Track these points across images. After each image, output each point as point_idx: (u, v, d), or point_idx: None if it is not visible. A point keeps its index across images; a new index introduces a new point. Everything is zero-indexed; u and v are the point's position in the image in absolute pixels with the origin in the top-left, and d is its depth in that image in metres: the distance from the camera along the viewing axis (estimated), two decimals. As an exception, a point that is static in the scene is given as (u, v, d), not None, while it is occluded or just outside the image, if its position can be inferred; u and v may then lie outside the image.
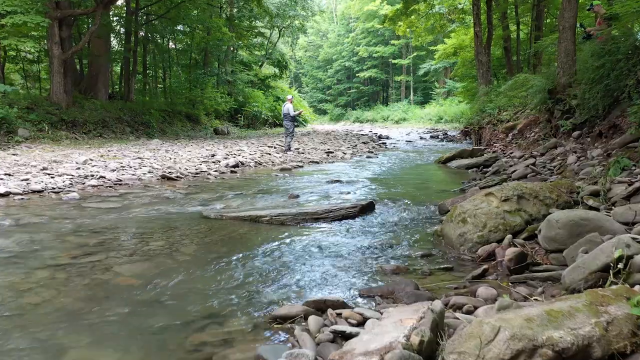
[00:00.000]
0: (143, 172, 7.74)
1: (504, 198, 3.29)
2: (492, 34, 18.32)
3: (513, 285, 2.41)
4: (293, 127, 12.55)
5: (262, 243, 3.43)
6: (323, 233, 3.78)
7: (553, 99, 7.57)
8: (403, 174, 8.52)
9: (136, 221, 4.25)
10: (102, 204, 5.09)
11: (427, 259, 3.01)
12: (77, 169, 7.63)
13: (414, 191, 6.29)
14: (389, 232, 3.78)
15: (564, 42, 7.52)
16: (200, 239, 3.61)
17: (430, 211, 4.63)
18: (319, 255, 3.09)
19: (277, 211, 4.32)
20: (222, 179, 7.51)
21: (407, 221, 4.22)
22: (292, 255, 3.09)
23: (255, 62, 32.45)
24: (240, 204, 5.14)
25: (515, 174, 5.73)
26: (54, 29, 14.51)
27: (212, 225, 4.12)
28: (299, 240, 3.49)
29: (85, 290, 2.50)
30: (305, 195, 5.74)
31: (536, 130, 10.20)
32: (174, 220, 4.29)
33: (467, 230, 3.17)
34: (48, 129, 12.93)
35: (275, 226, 4.06)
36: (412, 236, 3.62)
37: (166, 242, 3.49)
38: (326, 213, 4.31)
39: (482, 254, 2.90)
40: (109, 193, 5.92)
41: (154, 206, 5.02)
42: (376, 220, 4.30)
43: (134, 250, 3.27)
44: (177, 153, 10.89)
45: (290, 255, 3.08)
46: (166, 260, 3.05)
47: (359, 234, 3.71)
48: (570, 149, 6.07)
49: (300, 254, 3.10)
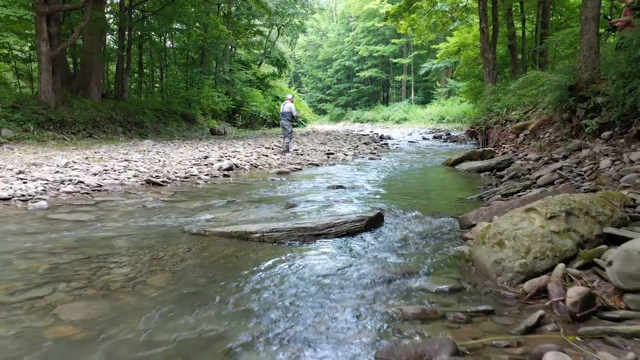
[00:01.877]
0: (127, 176, 7.09)
1: (549, 215, 2.65)
2: (498, 30, 17.72)
3: (584, 341, 1.78)
4: (291, 127, 11.88)
5: (250, 272, 2.79)
6: (324, 256, 3.13)
7: (575, 97, 6.93)
8: (410, 178, 7.88)
9: (104, 238, 3.61)
10: (71, 215, 4.45)
11: (457, 295, 2.37)
12: (55, 172, 6.98)
13: (425, 199, 5.65)
14: (403, 254, 3.14)
15: (586, 34, 6.88)
16: (176, 264, 2.96)
17: (449, 224, 3.99)
18: (319, 293, 2.44)
19: (270, 226, 3.68)
20: (213, 184, 6.86)
21: (423, 238, 3.57)
22: (285, 293, 2.44)
23: (254, 61, 31.82)
24: (229, 215, 4.49)
25: (540, 180, 5.08)
26: (41, 24, 13.86)
27: (193, 243, 3.47)
28: (294, 269, 2.84)
29: (3, 351, 1.86)
30: (304, 204, 5.09)
31: (550, 130, 9.57)
32: (148, 237, 3.64)
33: (505, 257, 2.53)
34: (34, 129, 12.29)
35: (267, 245, 3.42)
36: (433, 259, 2.98)
37: (133, 269, 2.84)
38: (327, 228, 3.67)
39: (530, 290, 2.26)
40: (83, 201, 5.27)
41: (131, 218, 4.38)
42: (386, 236, 3.66)
43: (90, 281, 2.62)
44: (168, 155, 10.25)
45: (283, 294, 2.44)
46: (126, 297, 2.40)
47: (368, 258, 3.07)
48: (600, 152, 5.43)
49: (295, 292, 2.45)
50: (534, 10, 19.91)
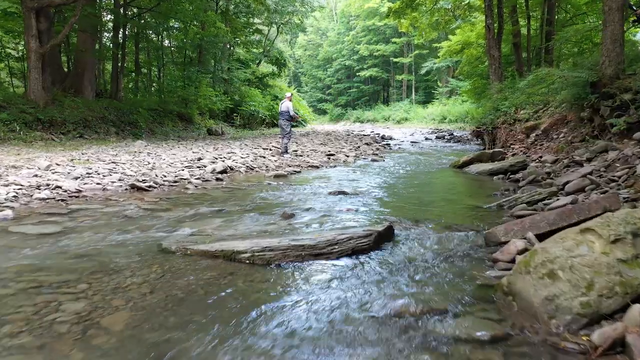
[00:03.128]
0: (112, 180, 6.53)
1: (613, 238, 2.09)
2: (503, 27, 17.18)
3: None
4: (290, 127, 11.30)
5: (234, 310, 2.23)
6: (326, 284, 2.57)
7: (597, 94, 6.37)
8: (417, 181, 7.32)
9: (65, 258, 3.05)
10: (37, 228, 3.89)
11: (501, 347, 1.81)
12: (33, 176, 6.42)
13: (438, 207, 5.09)
14: (422, 282, 2.58)
15: (610, 25, 6.32)
16: (143, 295, 2.40)
17: (471, 240, 3.43)
18: (320, 343, 1.88)
19: (262, 243, 3.12)
20: (203, 189, 6.30)
21: (443, 259, 3.01)
22: (276, 344, 1.88)
23: (253, 59, 31.24)
24: (216, 227, 3.93)
25: (569, 186, 4.51)
26: (30, 20, 13.32)
27: (170, 265, 2.91)
28: (289, 304, 2.28)
29: None
30: (302, 214, 4.53)
31: (564, 130, 9.02)
32: (118, 256, 3.08)
33: (559, 293, 1.97)
34: (20, 129, 11.72)
35: (257, 269, 2.85)
36: (459, 290, 2.42)
37: (88, 304, 2.28)
38: (330, 246, 3.11)
39: (602, 343, 1.70)
40: (56, 209, 4.71)
41: (104, 230, 3.82)
42: (399, 257, 3.09)
43: (29, 324, 2.06)
44: (160, 156, 9.68)
45: (274, 346, 1.87)
46: (69, 349, 1.84)
47: (380, 288, 2.50)
48: (633, 154, 4.87)
49: (290, 344, 1.89)
50: (538, 9, 19.38)
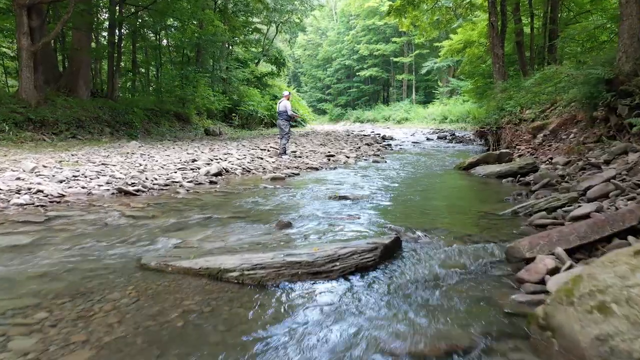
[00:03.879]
0: (99, 183, 6.16)
1: (674, 263, 1.72)
2: (507, 25, 16.83)
3: None
4: (289, 127, 10.92)
5: (215, 348, 1.86)
6: (325, 315, 2.20)
7: (614, 91, 6.00)
8: (422, 185, 6.94)
9: (28, 277, 2.67)
10: (6, 239, 3.51)
11: (547, 405, 1.44)
12: (15, 179, 6.05)
13: (446, 213, 4.71)
14: (437, 309, 2.20)
15: (627, 19, 5.96)
16: (110, 327, 2.03)
17: (488, 254, 3.05)
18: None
19: (254, 260, 2.74)
20: (195, 193, 5.92)
21: (459, 279, 2.64)
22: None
23: (252, 59, 30.84)
24: (203, 238, 3.55)
25: (591, 192, 4.13)
26: (22, 17, 12.96)
27: (147, 286, 2.54)
28: (281, 343, 1.90)
29: None
30: (300, 221, 4.16)
31: (574, 130, 8.65)
32: (91, 274, 2.71)
33: (614, 331, 1.60)
34: (9, 129, 11.34)
35: (247, 291, 2.48)
36: (483, 321, 2.05)
37: (42, 340, 1.91)
38: (330, 262, 2.74)
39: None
40: (33, 217, 4.33)
41: (81, 242, 3.44)
42: (408, 276, 2.72)
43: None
44: (153, 158, 9.31)
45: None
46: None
47: (388, 318, 2.12)
48: (658, 157, 4.51)
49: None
50: (541, 7, 19.01)
